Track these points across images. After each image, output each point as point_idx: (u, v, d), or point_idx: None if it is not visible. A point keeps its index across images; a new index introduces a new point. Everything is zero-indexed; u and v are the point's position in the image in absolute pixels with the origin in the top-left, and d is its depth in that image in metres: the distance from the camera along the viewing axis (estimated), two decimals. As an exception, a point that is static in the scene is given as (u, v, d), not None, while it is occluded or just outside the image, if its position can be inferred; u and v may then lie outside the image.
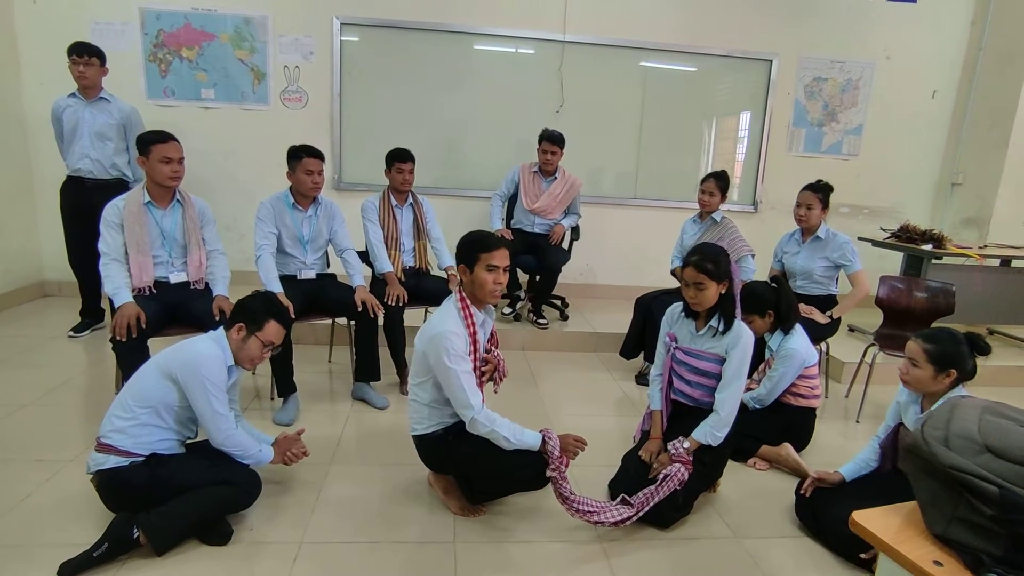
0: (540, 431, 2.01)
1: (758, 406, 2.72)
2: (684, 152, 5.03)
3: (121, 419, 1.87)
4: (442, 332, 1.95)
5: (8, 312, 4.06)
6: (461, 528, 2.07)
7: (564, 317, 4.31)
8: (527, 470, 2.00)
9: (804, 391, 2.69)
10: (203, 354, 1.90)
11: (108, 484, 1.87)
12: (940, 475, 0.96)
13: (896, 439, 2.18)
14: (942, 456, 0.96)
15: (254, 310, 2.00)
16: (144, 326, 2.41)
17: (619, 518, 2.01)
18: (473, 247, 2.03)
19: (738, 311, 2.26)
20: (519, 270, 4.07)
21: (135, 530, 1.77)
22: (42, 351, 3.45)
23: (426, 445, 2.11)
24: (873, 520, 0.94)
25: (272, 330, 2.01)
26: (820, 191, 3.24)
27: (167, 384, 1.89)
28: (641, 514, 2.04)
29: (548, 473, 1.98)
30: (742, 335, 2.18)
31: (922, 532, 0.95)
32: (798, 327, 2.71)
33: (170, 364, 1.89)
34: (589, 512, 2.00)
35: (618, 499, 2.09)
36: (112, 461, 1.85)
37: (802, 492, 2.22)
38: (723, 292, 2.18)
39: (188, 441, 2.04)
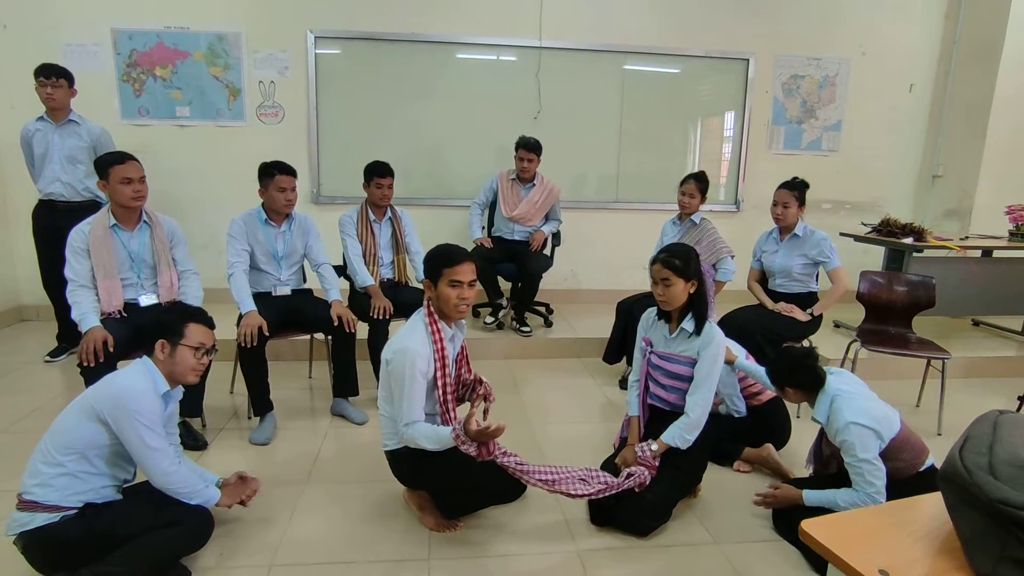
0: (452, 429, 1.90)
1: (736, 414, 2.64)
2: (664, 154, 5.01)
3: (45, 470, 1.68)
4: (406, 347, 1.94)
5: (-15, 338, 4.02)
6: (436, 544, 2.04)
7: (548, 324, 4.29)
8: (499, 483, 1.98)
9: (755, 388, 2.60)
10: (129, 388, 1.75)
11: (38, 545, 1.67)
12: (986, 509, 0.85)
13: (820, 445, 2.20)
14: (989, 489, 0.84)
15: (168, 321, 1.91)
16: (111, 350, 2.37)
17: (576, 493, 2.01)
18: (437, 262, 2.01)
19: (713, 313, 2.23)
20: (500, 278, 4.05)
21: None
22: (18, 376, 3.40)
23: (398, 461, 2.08)
24: (823, 528, 0.91)
25: (194, 332, 1.88)
26: (796, 189, 3.23)
27: (94, 426, 1.72)
28: (595, 498, 2.05)
29: (462, 449, 1.87)
30: (714, 337, 2.16)
31: (874, 541, 0.91)
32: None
33: (96, 403, 1.73)
34: (549, 481, 1.99)
35: (580, 470, 2.08)
36: (39, 519, 1.65)
37: (757, 501, 2.18)
38: (692, 291, 2.17)
39: (126, 485, 1.87)
